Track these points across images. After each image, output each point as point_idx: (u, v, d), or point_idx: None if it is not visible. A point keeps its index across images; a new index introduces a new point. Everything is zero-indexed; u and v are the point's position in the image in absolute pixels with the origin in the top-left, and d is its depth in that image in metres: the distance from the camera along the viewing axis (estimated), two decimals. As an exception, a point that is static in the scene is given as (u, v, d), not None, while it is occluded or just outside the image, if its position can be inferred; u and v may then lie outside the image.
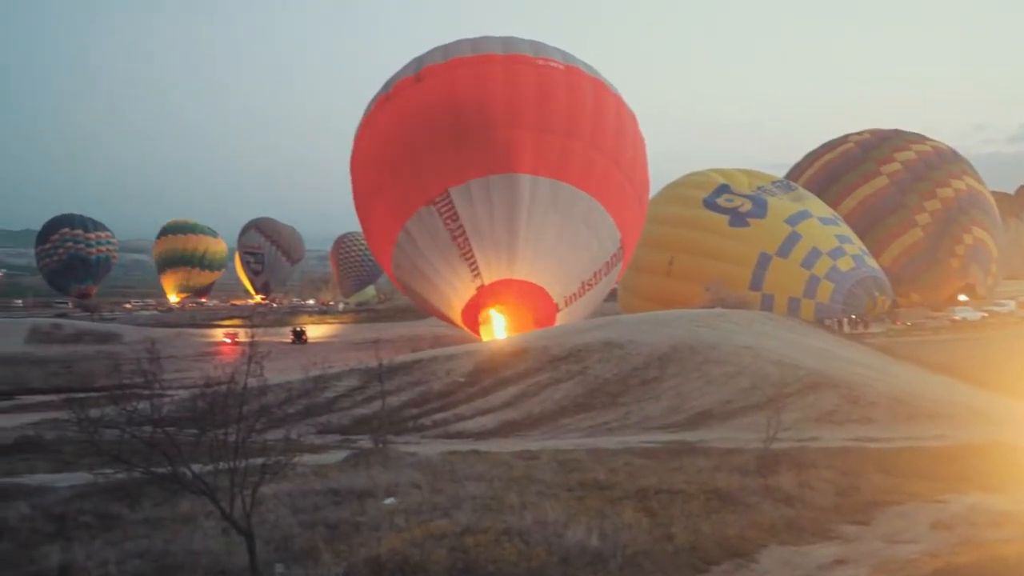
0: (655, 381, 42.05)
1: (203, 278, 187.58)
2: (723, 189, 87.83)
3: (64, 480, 23.82)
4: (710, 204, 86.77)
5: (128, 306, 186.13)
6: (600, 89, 71.48)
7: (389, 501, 19.01)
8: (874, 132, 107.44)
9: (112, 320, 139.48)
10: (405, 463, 24.46)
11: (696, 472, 21.57)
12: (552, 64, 70.03)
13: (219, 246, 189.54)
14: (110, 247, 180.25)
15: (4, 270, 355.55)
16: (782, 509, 17.95)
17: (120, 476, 16.23)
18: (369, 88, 76.33)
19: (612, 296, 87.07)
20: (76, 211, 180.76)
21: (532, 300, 67.82)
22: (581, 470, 22.53)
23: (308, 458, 24.54)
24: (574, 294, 68.91)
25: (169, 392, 36.48)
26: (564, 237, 67.70)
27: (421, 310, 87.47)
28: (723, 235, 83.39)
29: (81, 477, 22.56)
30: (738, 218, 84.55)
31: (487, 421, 40.21)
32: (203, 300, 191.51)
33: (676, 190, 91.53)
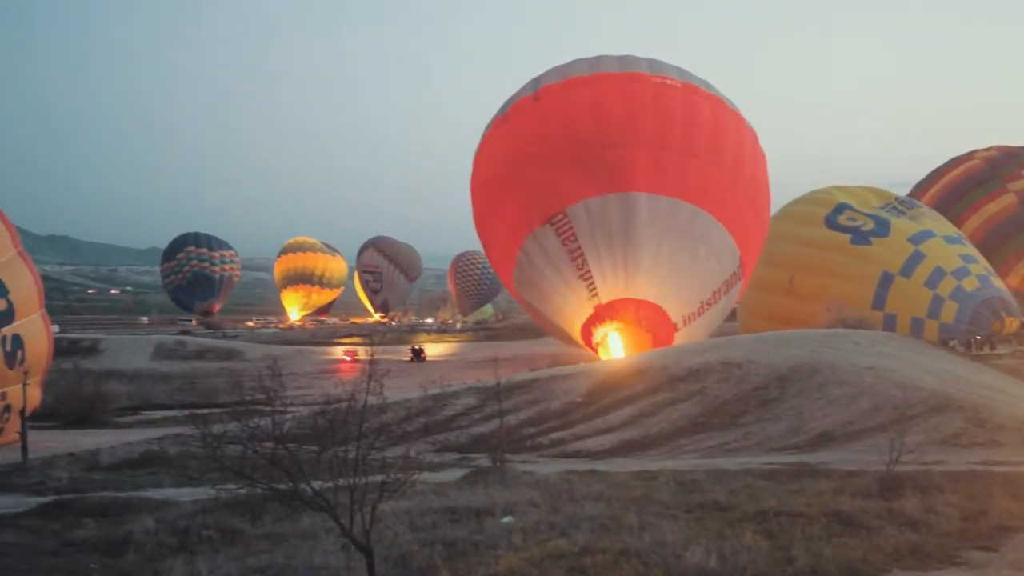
0: (775, 402, 41.54)
1: (323, 296, 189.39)
2: (844, 207, 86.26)
3: (188, 495, 24.24)
4: (831, 222, 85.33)
5: (250, 324, 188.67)
6: (718, 106, 71.00)
7: (507, 520, 19.01)
8: (1001, 148, 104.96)
9: (234, 337, 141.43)
10: (523, 482, 24.46)
11: (817, 494, 21.25)
12: (669, 82, 69.71)
13: (338, 264, 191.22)
14: (233, 266, 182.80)
15: (130, 288, 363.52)
16: (906, 534, 17.57)
17: (242, 491, 16.44)
18: (490, 109, 76.54)
19: (732, 316, 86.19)
20: (200, 230, 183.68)
21: (650, 319, 67.50)
22: (700, 491, 22.35)
23: (426, 476, 24.66)
24: (693, 313, 68.40)
25: (290, 409, 37.02)
26: (682, 256, 67.26)
27: (541, 329, 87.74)
28: (844, 254, 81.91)
29: (204, 492, 22.92)
30: (860, 236, 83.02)
31: (605, 441, 40.06)
32: (323, 318, 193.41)
33: (796, 208, 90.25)
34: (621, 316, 67.56)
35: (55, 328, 55.77)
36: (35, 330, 45.69)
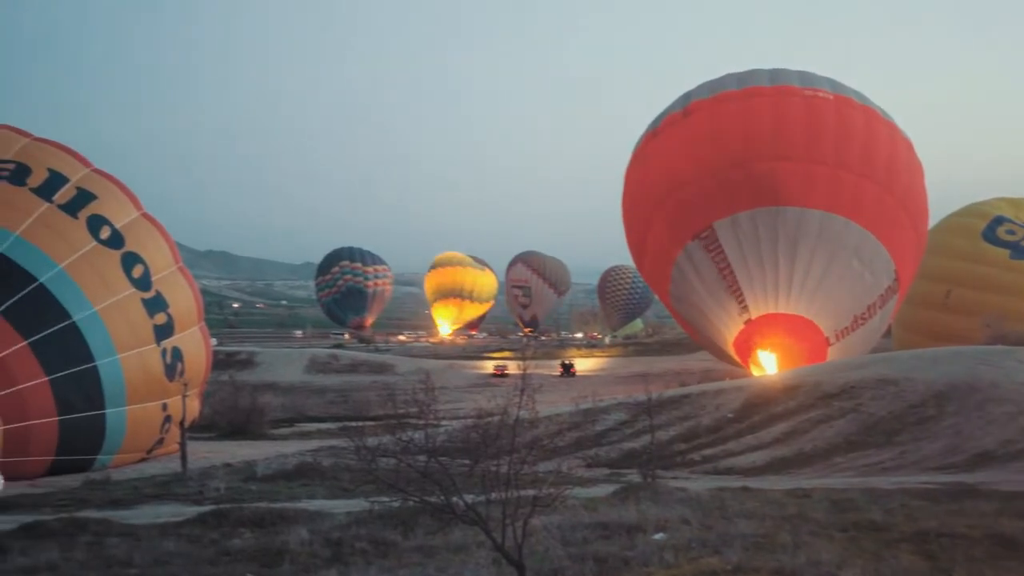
0: (932, 420, 40.59)
1: (473, 310, 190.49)
2: (1002, 220, 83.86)
3: (341, 506, 24.53)
4: (988, 236, 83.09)
5: (401, 338, 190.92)
6: (872, 117, 69.78)
7: (658, 536, 18.86)
8: None
9: (386, 351, 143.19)
10: (674, 498, 24.26)
11: (979, 516, 20.66)
12: (821, 94, 68.85)
13: (488, 279, 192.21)
14: (386, 280, 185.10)
15: (285, 302, 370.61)
16: (1073, 557, 17.00)
17: (395, 504, 16.58)
18: (643, 123, 76.75)
19: (888, 333, 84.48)
20: (353, 245, 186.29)
21: (801, 334, 66.71)
22: (855, 510, 21.91)
23: (577, 491, 24.61)
24: (846, 328, 67.31)
25: (443, 423, 37.33)
26: (834, 269, 66.32)
27: (698, 344, 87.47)
28: (1003, 268, 79.69)
29: (358, 504, 23.17)
30: (1019, 251, 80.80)
31: (757, 458, 39.63)
32: (473, 332, 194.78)
33: (954, 220, 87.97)
34: (772, 332, 66.93)
35: (213, 341, 57.01)
36: (194, 343, 46.74)
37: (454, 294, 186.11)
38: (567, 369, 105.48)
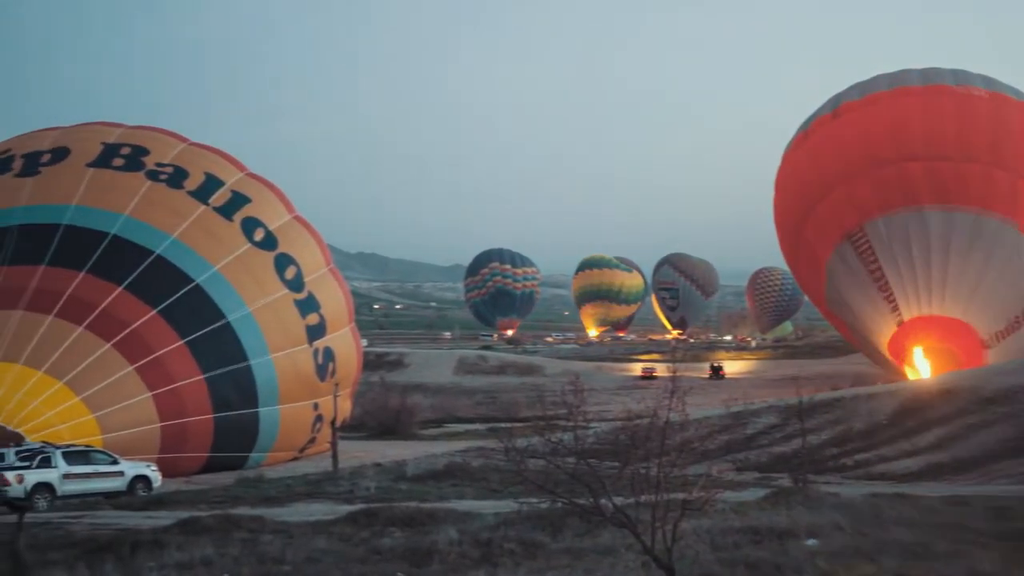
0: (1096, 425, 39.31)
1: (620, 312, 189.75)
2: None
3: (490, 507, 24.61)
4: None
5: (549, 339, 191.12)
6: (1030, 115, 67.94)
7: (811, 543, 18.56)
8: None
9: (534, 353, 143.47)
10: (827, 504, 23.84)
11: None
12: (975, 92, 67.29)
13: (635, 281, 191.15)
14: (535, 282, 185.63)
15: (434, 304, 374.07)
16: None
17: (543, 506, 16.55)
18: (795, 121, 76.18)
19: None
20: (501, 247, 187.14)
21: (956, 337, 65.26)
22: (1016, 519, 21.31)
23: (727, 495, 24.32)
24: (1003, 330, 65.56)
25: (591, 425, 37.22)
26: (989, 271, 64.74)
27: (853, 347, 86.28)
28: None
29: (506, 505, 23.20)
30: None
31: (912, 463, 38.79)
32: (621, 334, 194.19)
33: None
34: (926, 334, 65.66)
35: (363, 342, 57.73)
36: (345, 344, 47.37)
37: (601, 296, 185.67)
38: (716, 371, 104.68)
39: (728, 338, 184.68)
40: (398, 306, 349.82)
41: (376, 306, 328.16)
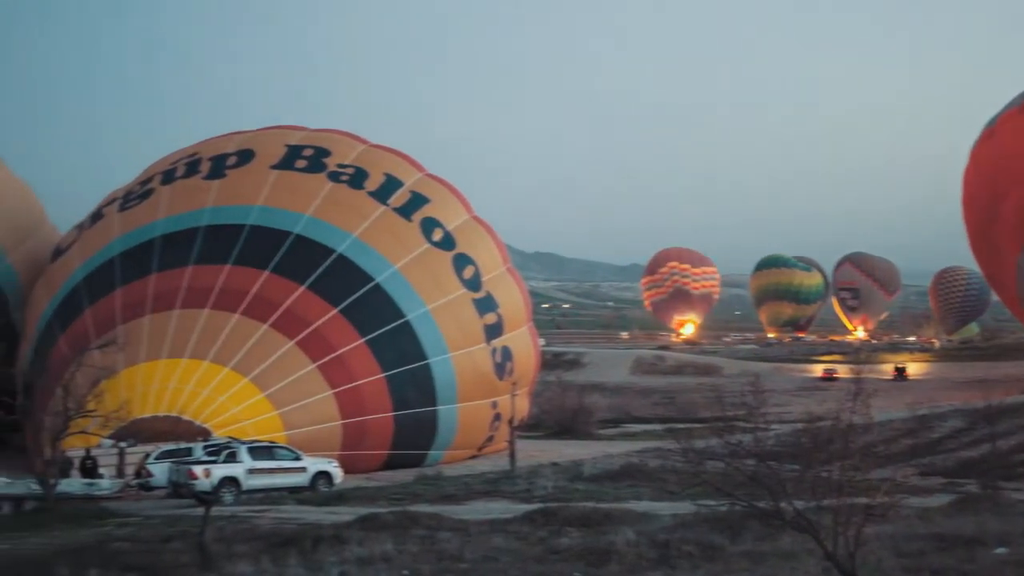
0: None
1: (800, 312, 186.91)
2: None
3: (667, 508, 24.45)
4: None
5: (727, 339, 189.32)
6: None
7: (1001, 551, 17.93)
8: None
9: (712, 353, 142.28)
10: (1017, 511, 23.07)
11: None
12: None
13: (814, 280, 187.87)
14: (713, 282, 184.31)
15: (611, 303, 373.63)
16: None
17: (722, 508, 16.34)
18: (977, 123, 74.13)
19: None
20: (679, 246, 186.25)
21: None
22: None
23: (911, 500, 23.71)
24: None
25: (771, 426, 36.71)
26: None
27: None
28: None
29: (684, 507, 23.02)
30: None
31: (1111, 470, 37.29)
32: (801, 335, 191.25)
33: None
34: None
35: (541, 342, 57.93)
36: (523, 343, 47.61)
37: (780, 296, 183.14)
38: (900, 373, 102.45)
39: (912, 339, 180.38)
40: (566, 305, 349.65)
41: (545, 305, 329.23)
